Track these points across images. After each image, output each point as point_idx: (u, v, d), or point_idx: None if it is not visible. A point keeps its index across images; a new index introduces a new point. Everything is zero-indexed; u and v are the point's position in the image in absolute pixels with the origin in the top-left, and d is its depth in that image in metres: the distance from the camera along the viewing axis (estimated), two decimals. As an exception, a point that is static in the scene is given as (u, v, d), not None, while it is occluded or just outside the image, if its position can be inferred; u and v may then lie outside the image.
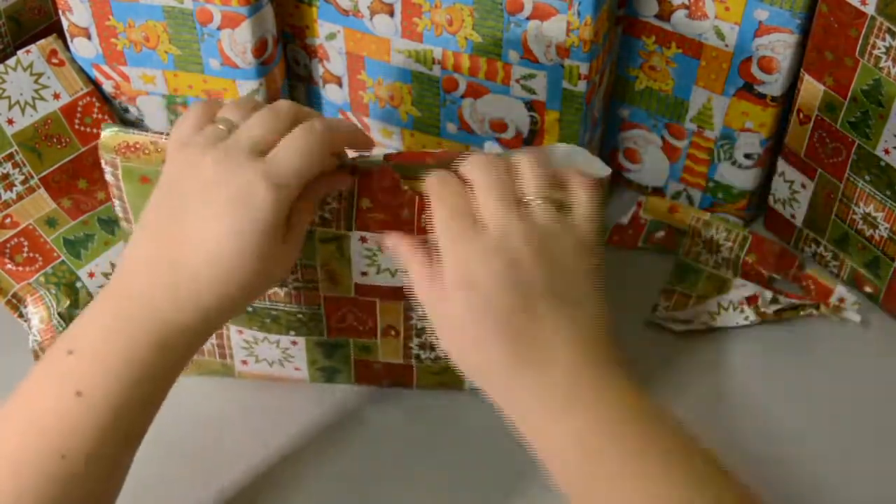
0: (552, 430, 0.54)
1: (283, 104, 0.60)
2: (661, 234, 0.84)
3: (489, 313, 0.54)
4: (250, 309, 0.69)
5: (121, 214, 0.67)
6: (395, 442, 0.73)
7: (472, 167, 0.58)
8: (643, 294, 0.81)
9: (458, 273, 0.55)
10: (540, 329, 0.54)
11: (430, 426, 0.74)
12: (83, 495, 0.56)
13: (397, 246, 0.60)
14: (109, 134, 0.63)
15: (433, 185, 0.58)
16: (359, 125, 0.84)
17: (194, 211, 0.56)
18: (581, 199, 0.58)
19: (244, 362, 0.73)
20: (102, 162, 0.64)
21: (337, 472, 0.71)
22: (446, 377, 0.73)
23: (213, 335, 0.71)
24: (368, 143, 0.62)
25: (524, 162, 0.59)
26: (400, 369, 0.73)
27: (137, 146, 0.63)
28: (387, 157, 0.62)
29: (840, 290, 0.80)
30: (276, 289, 0.68)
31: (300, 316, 0.69)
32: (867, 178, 0.75)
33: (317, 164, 0.58)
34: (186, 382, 0.74)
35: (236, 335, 0.71)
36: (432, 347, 0.71)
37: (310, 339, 0.71)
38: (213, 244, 0.56)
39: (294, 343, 0.71)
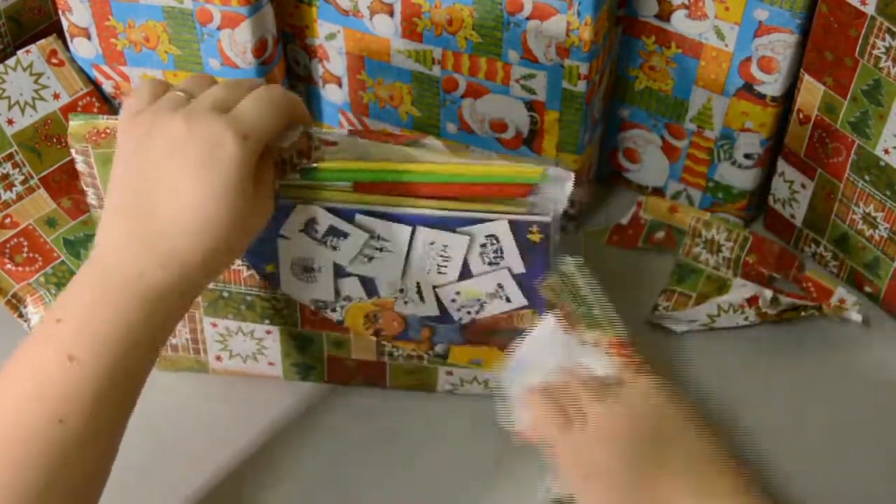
0: None
1: (244, 78, 0.61)
2: (660, 234, 0.84)
3: (609, 490, 0.60)
4: (226, 294, 0.69)
5: (94, 202, 0.67)
6: (369, 437, 0.73)
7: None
8: (643, 294, 0.81)
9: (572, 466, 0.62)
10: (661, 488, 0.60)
11: (401, 421, 0.74)
12: (83, 462, 0.56)
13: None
14: (78, 123, 0.64)
15: (526, 412, 0.64)
16: (357, 124, 0.85)
17: (164, 169, 0.57)
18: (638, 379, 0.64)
19: (218, 358, 0.74)
20: (73, 151, 0.65)
21: (314, 466, 0.72)
22: (419, 377, 0.73)
23: (187, 328, 0.72)
24: (306, 118, 0.63)
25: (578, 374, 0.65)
26: (373, 367, 0.73)
27: (108, 131, 0.63)
28: (351, 132, 0.64)
29: (840, 291, 0.79)
30: (254, 272, 0.68)
31: (275, 303, 0.70)
32: (867, 178, 0.75)
33: (278, 118, 0.59)
34: (162, 376, 0.74)
35: (210, 328, 0.72)
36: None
37: (283, 329, 0.71)
38: (187, 199, 0.56)
39: (268, 332, 0.72)
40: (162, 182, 0.57)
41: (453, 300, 0.68)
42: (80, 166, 0.65)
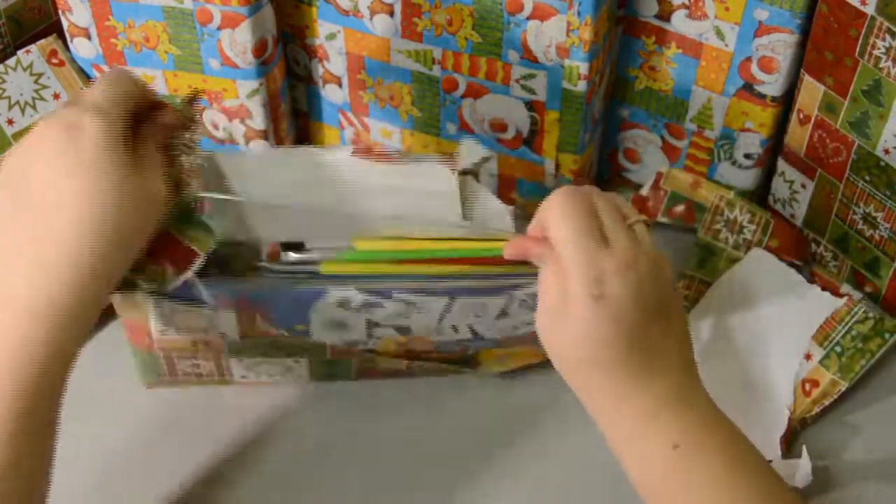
0: (644, 434, 0.58)
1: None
2: (680, 207, 0.83)
3: (616, 321, 0.57)
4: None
5: None
6: (379, 438, 0.73)
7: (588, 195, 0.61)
8: None
9: (591, 280, 0.57)
10: (653, 345, 0.58)
11: (428, 411, 0.74)
12: (5, 494, 0.53)
13: (522, 246, 0.61)
14: None
15: (560, 198, 0.60)
16: (357, 124, 0.85)
17: (36, 169, 0.54)
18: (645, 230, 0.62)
19: (244, 376, 0.72)
20: None
21: (330, 468, 0.72)
22: (449, 369, 0.73)
23: (212, 362, 0.70)
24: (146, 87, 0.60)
25: (613, 194, 0.62)
26: (401, 373, 0.73)
27: None
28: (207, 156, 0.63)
29: (846, 287, 0.79)
30: (284, 332, 0.67)
31: (303, 343, 0.68)
32: (867, 178, 0.75)
33: (128, 88, 0.57)
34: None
35: (236, 361, 0.70)
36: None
37: (312, 360, 0.71)
38: (65, 198, 0.53)
39: (297, 362, 0.71)
40: (36, 182, 0.54)
41: (489, 330, 0.68)
42: None
